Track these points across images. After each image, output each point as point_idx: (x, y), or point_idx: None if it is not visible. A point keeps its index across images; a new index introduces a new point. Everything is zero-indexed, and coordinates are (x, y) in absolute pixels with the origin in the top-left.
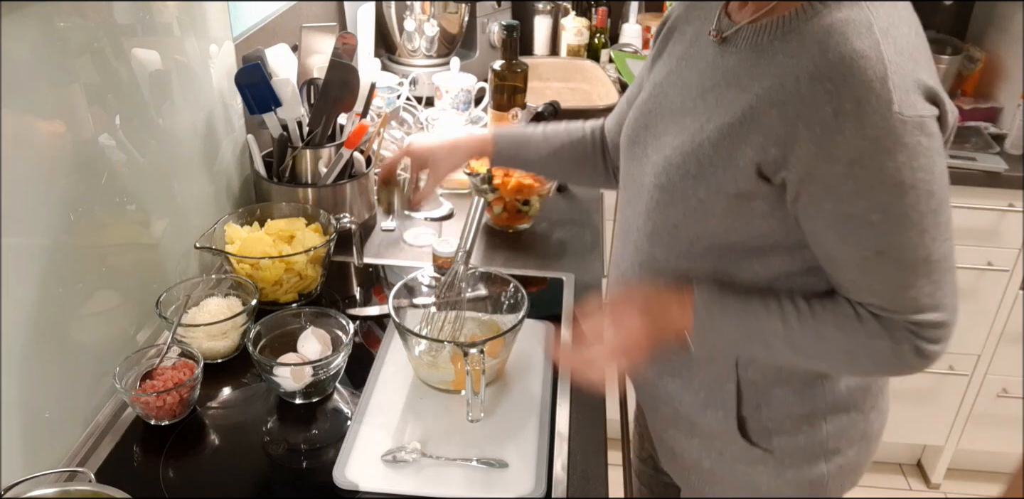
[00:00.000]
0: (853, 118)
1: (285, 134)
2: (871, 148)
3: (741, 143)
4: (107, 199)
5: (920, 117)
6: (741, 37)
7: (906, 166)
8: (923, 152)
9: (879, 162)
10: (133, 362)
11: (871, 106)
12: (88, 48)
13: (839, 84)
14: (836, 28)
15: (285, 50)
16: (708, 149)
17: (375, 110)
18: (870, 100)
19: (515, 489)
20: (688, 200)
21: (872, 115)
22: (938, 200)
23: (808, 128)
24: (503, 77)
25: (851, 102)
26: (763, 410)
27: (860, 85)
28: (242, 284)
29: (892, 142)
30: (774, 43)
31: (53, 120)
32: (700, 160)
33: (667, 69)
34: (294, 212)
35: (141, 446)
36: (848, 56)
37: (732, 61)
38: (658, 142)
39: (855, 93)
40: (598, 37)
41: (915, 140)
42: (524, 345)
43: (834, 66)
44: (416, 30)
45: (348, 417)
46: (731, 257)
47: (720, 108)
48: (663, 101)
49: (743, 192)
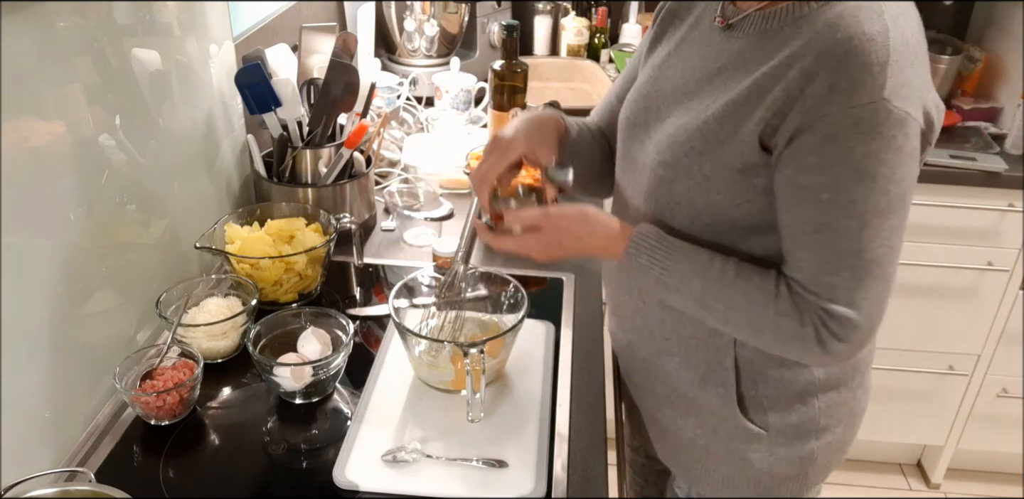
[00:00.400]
0: (844, 95)
1: (285, 134)
2: (850, 128)
3: (745, 118)
4: (107, 199)
5: (905, 112)
6: (748, 23)
7: (873, 155)
8: (895, 148)
9: (851, 143)
10: (133, 362)
11: (864, 87)
12: (88, 48)
13: (841, 61)
14: (848, 12)
15: (285, 50)
16: (714, 125)
17: (375, 110)
18: (865, 81)
19: (515, 489)
20: (693, 176)
21: (862, 96)
22: (890, 201)
23: (802, 99)
24: (503, 77)
25: (847, 80)
26: (760, 387)
27: (860, 66)
28: (242, 284)
29: (871, 128)
30: (783, 28)
31: (53, 120)
32: (705, 136)
33: (666, 52)
34: (294, 212)
35: (141, 446)
36: (856, 36)
37: (739, 45)
38: (661, 124)
39: (853, 72)
40: (598, 37)
41: (891, 133)
42: (524, 345)
43: (840, 44)
44: (416, 30)
45: (348, 417)
46: (730, 234)
47: (727, 90)
48: (663, 83)
49: (747, 166)
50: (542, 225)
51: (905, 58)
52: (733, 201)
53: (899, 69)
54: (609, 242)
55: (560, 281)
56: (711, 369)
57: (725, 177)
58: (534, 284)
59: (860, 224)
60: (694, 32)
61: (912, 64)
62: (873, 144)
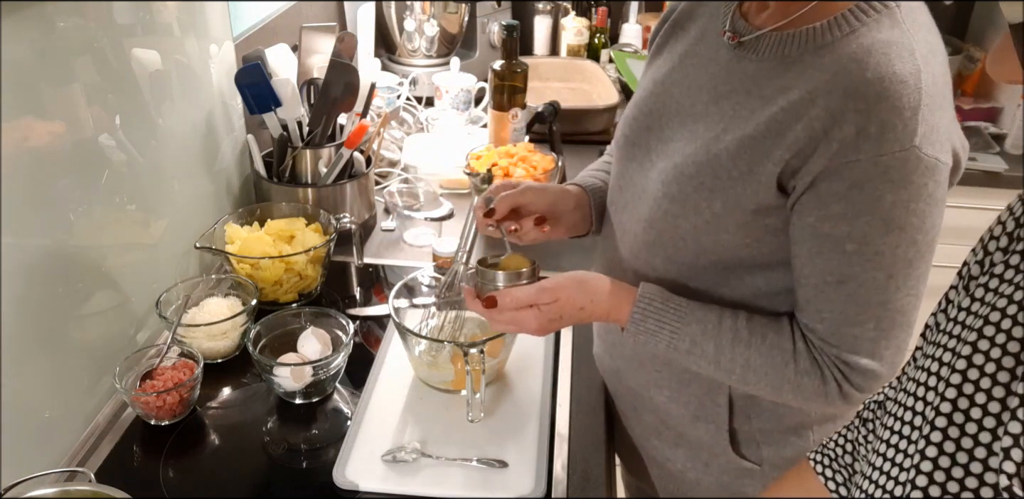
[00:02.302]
0: (874, 141)
1: (285, 134)
2: (879, 176)
3: (763, 158)
4: (107, 199)
5: (936, 159)
6: (764, 45)
7: (902, 205)
8: (925, 197)
9: (879, 192)
10: (133, 362)
11: (895, 133)
12: (88, 48)
13: (871, 104)
14: (877, 48)
15: (285, 50)
16: (727, 161)
17: (375, 110)
18: (896, 127)
19: (515, 489)
20: (701, 213)
21: (892, 143)
22: (918, 251)
23: (827, 143)
24: (503, 77)
25: (877, 125)
26: (753, 422)
27: (891, 110)
28: (242, 284)
29: (900, 176)
30: (804, 56)
31: (53, 120)
32: (717, 173)
33: (669, 66)
34: (294, 212)
35: (141, 446)
36: (887, 78)
37: (752, 68)
38: (665, 147)
39: (884, 117)
40: (598, 37)
41: (922, 181)
42: (524, 345)
43: (870, 85)
44: (416, 30)
45: (348, 417)
46: (736, 271)
47: (738, 118)
48: (666, 101)
49: (762, 207)
50: (539, 301)
51: (935, 101)
52: (743, 241)
53: (930, 113)
54: (612, 308)
55: None
56: (703, 405)
57: (736, 217)
58: None
59: (886, 276)
60: (699, 45)
61: (941, 106)
62: (903, 193)
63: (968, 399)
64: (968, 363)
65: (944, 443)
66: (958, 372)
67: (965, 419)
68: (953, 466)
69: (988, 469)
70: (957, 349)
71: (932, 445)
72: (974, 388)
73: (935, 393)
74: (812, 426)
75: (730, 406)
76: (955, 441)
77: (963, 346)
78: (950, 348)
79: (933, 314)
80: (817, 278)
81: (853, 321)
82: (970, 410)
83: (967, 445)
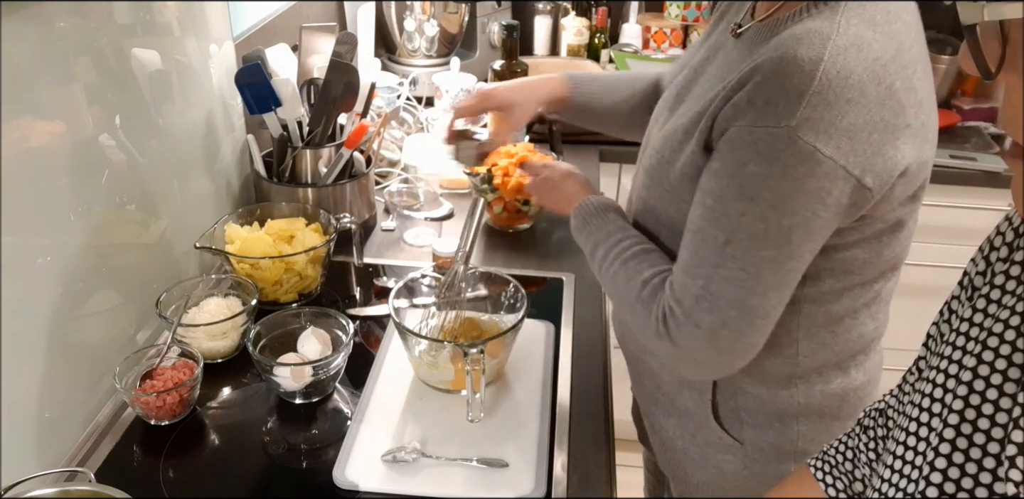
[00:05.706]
0: (756, 112)
1: (285, 134)
2: (749, 144)
3: (704, 128)
4: (107, 199)
5: (814, 148)
6: (747, 34)
7: (760, 177)
8: (791, 179)
9: (745, 159)
10: (133, 362)
11: (775, 109)
12: (88, 48)
13: (765, 78)
14: (797, 34)
15: (285, 50)
16: (680, 135)
17: (375, 110)
18: (778, 104)
19: (515, 489)
20: (663, 183)
21: (769, 117)
22: (767, 230)
23: (731, 106)
24: (503, 77)
25: (763, 98)
26: (738, 399)
27: (777, 87)
28: (242, 284)
29: (768, 151)
30: (759, 43)
31: (53, 120)
32: (672, 145)
33: (703, 56)
34: (294, 212)
35: (141, 446)
36: (787, 59)
37: (734, 55)
38: (658, 127)
39: (769, 93)
40: (598, 37)
41: (791, 163)
42: (524, 345)
43: (772, 63)
44: (416, 30)
45: (348, 417)
46: None
47: (702, 99)
48: (689, 85)
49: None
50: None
51: (840, 95)
52: None
53: (823, 104)
54: (572, 196)
55: (560, 281)
56: None
57: (687, 185)
58: (534, 284)
59: (724, 239)
60: (721, 36)
61: (852, 104)
62: (764, 167)
63: (975, 410)
64: (974, 374)
65: (953, 454)
66: (964, 384)
67: (973, 430)
68: (963, 477)
69: (997, 479)
70: (963, 361)
71: (941, 457)
72: (981, 399)
73: (942, 404)
74: (798, 417)
75: None
76: (964, 452)
77: (969, 357)
78: (955, 360)
79: (935, 323)
80: (688, 225)
81: (689, 272)
82: (978, 421)
83: (976, 455)
